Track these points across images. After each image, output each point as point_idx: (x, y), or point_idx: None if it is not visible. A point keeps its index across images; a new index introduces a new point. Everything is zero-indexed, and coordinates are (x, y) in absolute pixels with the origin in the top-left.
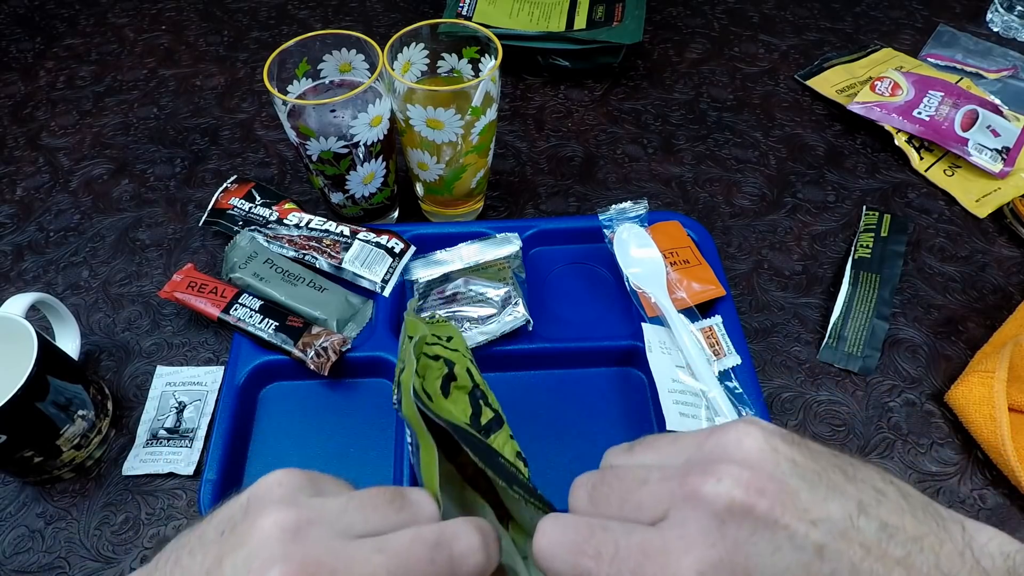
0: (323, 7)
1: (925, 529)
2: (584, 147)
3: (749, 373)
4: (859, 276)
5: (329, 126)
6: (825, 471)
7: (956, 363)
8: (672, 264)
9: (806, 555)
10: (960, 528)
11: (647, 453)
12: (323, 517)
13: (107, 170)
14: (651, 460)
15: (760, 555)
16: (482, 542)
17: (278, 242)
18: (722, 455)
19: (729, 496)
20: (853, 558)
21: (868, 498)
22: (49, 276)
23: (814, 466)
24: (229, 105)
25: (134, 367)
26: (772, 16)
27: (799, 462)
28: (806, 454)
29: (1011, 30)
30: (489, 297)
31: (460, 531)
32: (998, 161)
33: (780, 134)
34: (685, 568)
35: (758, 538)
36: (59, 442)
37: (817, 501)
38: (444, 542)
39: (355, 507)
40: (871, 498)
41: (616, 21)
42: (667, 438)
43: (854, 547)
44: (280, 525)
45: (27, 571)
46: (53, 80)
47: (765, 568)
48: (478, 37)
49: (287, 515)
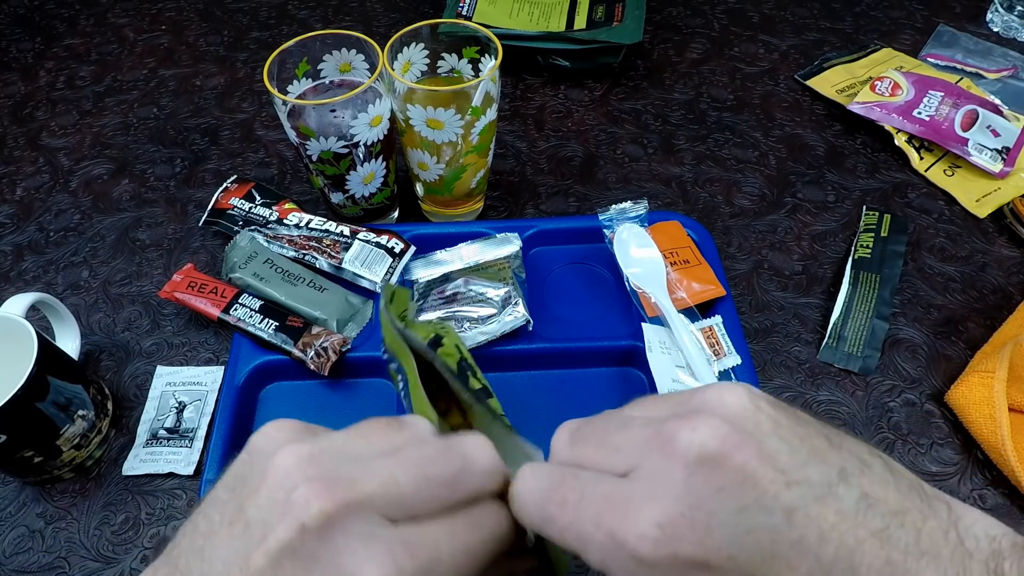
0: (323, 7)
1: (908, 504)
2: (584, 147)
3: (749, 373)
4: (859, 276)
5: (329, 126)
6: (809, 436)
7: (956, 363)
8: (672, 264)
9: (773, 518)
10: (946, 508)
11: (635, 408)
12: (331, 448)
13: (107, 170)
14: (640, 412)
15: (724, 512)
16: (488, 442)
17: (278, 242)
18: (703, 407)
19: (702, 446)
20: (823, 525)
21: (851, 467)
22: (49, 276)
23: (798, 430)
24: (229, 105)
25: (134, 367)
26: (772, 16)
27: (782, 424)
28: (791, 418)
29: (1011, 30)
30: (489, 297)
31: (466, 436)
32: (998, 161)
33: (780, 134)
34: (644, 519)
35: (725, 495)
36: (59, 442)
37: (796, 464)
38: (454, 443)
39: (357, 436)
40: (854, 467)
41: (616, 21)
42: (659, 396)
43: (828, 513)
44: (296, 454)
45: (27, 571)
46: (53, 80)
47: (727, 527)
48: (478, 37)
49: (299, 447)
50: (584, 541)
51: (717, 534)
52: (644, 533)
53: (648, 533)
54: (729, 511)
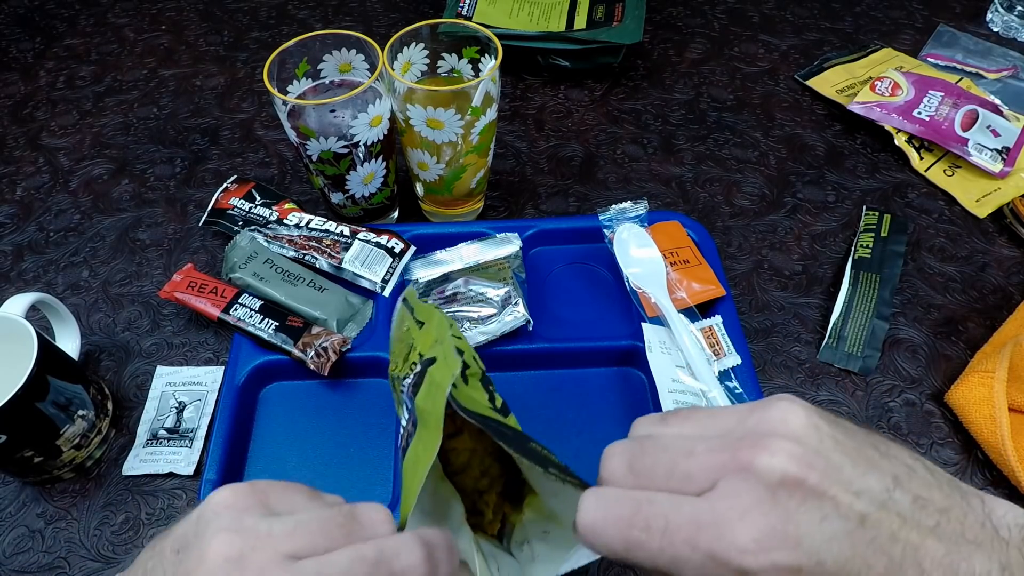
0: (323, 7)
1: (951, 502)
2: (584, 147)
3: (749, 373)
4: (859, 276)
5: (329, 126)
6: (862, 448)
7: (956, 363)
8: (672, 264)
9: (850, 523)
10: (980, 501)
11: (684, 425)
12: (268, 542)
13: (107, 170)
14: (689, 431)
15: (809, 523)
16: (424, 556)
17: (278, 242)
18: (770, 430)
19: (783, 469)
20: (892, 526)
21: (901, 472)
22: (49, 276)
23: (852, 443)
24: (229, 105)
25: (134, 367)
26: (772, 16)
27: (839, 439)
28: (844, 432)
29: (1011, 30)
30: (489, 297)
31: (403, 547)
32: (998, 161)
33: (780, 134)
34: (741, 536)
35: (807, 508)
36: (59, 442)
37: (858, 475)
38: (385, 560)
39: (302, 532)
40: (903, 472)
41: (616, 21)
42: (703, 411)
43: (892, 516)
44: (224, 555)
45: (27, 571)
46: (53, 80)
47: (814, 535)
48: (478, 37)
49: (231, 544)
50: (680, 563)
51: (806, 543)
52: (745, 547)
53: (749, 547)
54: (813, 521)
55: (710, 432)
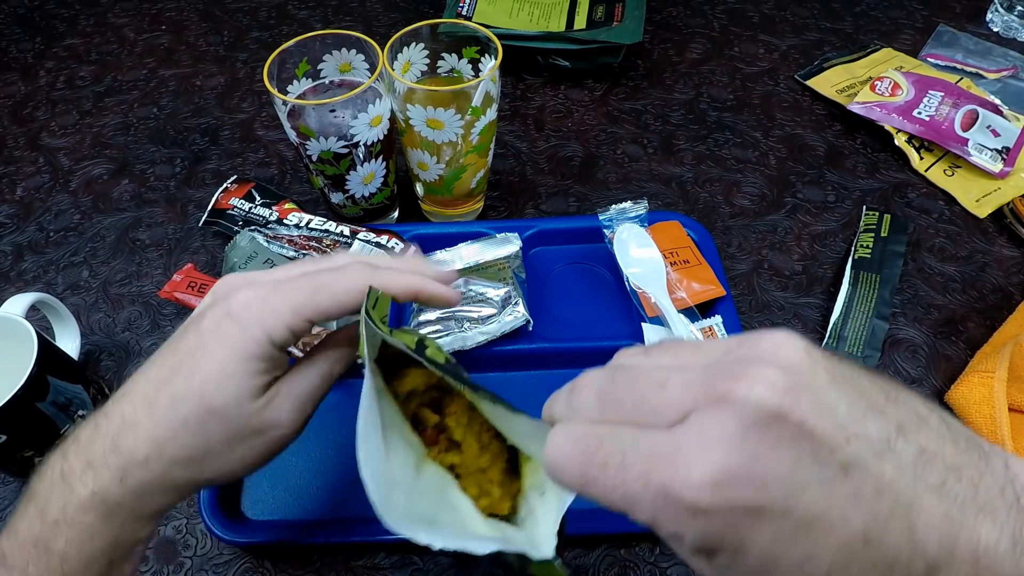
0: (323, 7)
1: (965, 459)
2: (584, 147)
3: None
4: (859, 276)
5: (329, 126)
6: (866, 389)
7: (956, 363)
8: (672, 264)
9: (828, 471)
10: (1003, 464)
11: (665, 356)
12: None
13: (107, 170)
14: (669, 363)
15: (781, 464)
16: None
17: (278, 242)
18: (757, 359)
19: (762, 400)
20: (880, 481)
21: (908, 421)
22: (49, 276)
23: (856, 383)
24: (229, 105)
25: (134, 367)
26: (772, 16)
27: (838, 377)
28: (848, 370)
29: (1011, 30)
30: (489, 297)
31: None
32: (998, 161)
33: (780, 134)
34: (697, 474)
35: (780, 450)
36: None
37: (855, 418)
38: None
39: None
40: (912, 421)
41: (616, 21)
42: (689, 343)
43: (886, 468)
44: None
45: None
46: (53, 80)
47: (783, 478)
48: (478, 37)
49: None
50: (632, 502)
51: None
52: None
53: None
54: (784, 465)
55: (691, 363)
